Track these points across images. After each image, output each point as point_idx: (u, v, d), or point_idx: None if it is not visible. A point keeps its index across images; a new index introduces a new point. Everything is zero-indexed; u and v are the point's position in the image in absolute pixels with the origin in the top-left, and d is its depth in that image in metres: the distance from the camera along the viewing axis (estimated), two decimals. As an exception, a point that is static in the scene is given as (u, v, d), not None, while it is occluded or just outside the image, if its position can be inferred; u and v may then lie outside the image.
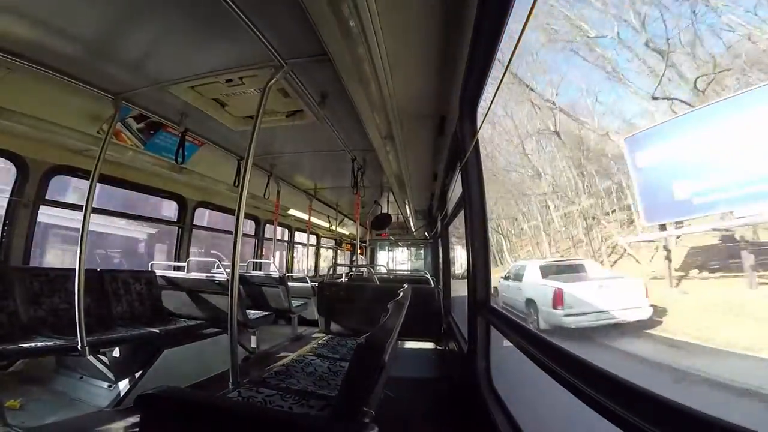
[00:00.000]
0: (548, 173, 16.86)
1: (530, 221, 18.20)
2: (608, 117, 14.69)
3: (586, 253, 12.82)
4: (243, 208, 2.32)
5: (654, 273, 8.46)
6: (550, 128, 16.04)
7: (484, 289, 2.25)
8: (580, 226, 14.48)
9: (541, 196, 17.26)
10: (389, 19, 1.97)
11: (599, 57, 12.60)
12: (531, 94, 15.74)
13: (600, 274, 7.79)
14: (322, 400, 1.85)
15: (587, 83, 14.64)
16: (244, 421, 1.14)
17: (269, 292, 4.81)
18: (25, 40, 2.30)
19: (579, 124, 14.62)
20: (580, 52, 12.89)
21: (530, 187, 17.81)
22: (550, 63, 15.50)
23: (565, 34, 12.80)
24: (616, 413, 0.81)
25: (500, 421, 1.75)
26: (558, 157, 16.25)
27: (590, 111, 14.92)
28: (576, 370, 1.03)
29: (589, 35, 11.84)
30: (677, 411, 0.68)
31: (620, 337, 5.86)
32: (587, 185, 14.68)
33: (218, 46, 2.39)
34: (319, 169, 5.65)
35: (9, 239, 3.09)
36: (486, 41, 1.73)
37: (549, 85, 15.83)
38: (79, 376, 2.96)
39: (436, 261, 9.17)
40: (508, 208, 19.37)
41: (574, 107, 15.46)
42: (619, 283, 6.75)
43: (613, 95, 17.43)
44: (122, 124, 3.39)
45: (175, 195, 4.87)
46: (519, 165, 18.20)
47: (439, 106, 3.06)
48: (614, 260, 11.58)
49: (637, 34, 10.84)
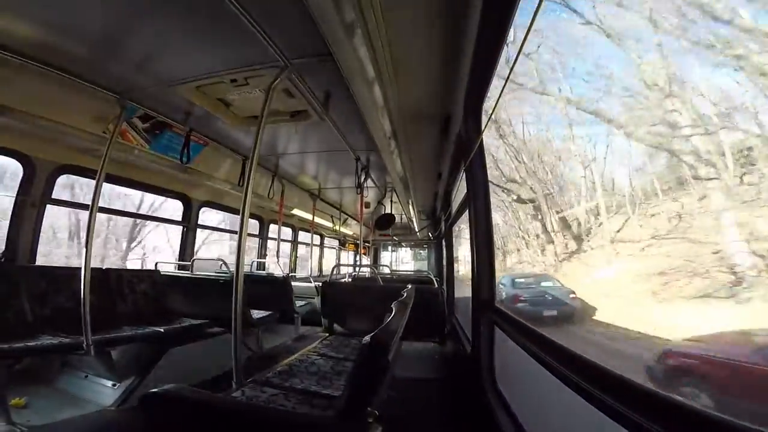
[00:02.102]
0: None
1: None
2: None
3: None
4: (248, 207, 2.33)
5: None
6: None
7: (488, 290, 2.25)
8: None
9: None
10: (393, 19, 1.97)
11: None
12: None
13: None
14: (325, 400, 1.85)
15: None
16: (248, 420, 1.14)
17: (273, 291, 4.82)
18: (31, 40, 2.31)
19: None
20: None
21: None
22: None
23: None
24: (622, 413, 0.80)
25: (504, 421, 1.74)
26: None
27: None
28: (581, 371, 1.02)
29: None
30: (684, 411, 0.67)
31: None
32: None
33: (223, 47, 2.40)
34: (323, 169, 5.66)
35: (16, 238, 3.11)
36: (491, 41, 1.72)
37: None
38: (83, 375, 2.97)
39: (440, 261, 9.16)
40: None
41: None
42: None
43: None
44: (128, 123, 3.41)
45: (179, 194, 4.88)
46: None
47: (443, 106, 3.05)
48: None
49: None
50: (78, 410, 2.59)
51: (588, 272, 12.85)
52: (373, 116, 2.73)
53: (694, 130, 9.09)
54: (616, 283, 11.11)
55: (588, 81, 12.65)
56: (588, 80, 12.64)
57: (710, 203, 8.86)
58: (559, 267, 14.82)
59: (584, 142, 14.46)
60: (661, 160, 11.56)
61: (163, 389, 1.18)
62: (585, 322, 9.80)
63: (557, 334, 6.37)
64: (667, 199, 11.31)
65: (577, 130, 14.49)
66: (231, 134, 3.92)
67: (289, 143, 4.39)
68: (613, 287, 10.96)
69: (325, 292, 3.80)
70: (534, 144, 16.44)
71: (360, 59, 2.02)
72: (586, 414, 0.99)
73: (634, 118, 11.55)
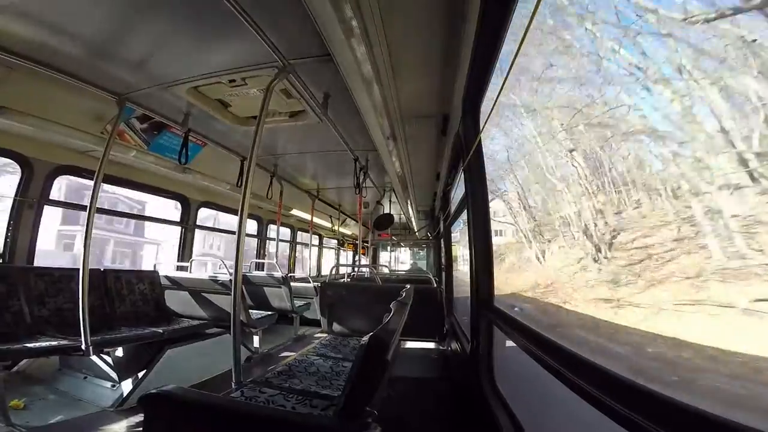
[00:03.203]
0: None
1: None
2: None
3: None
4: (246, 208, 2.32)
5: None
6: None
7: (487, 289, 2.25)
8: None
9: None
10: (392, 18, 1.98)
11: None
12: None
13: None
14: (325, 400, 1.85)
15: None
16: (247, 421, 1.14)
17: (272, 292, 4.82)
18: (29, 41, 2.31)
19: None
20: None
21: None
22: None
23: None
24: (623, 414, 0.81)
25: (503, 421, 1.74)
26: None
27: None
28: (581, 371, 1.02)
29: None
30: (684, 411, 0.67)
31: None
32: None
33: (221, 47, 2.40)
34: (321, 170, 5.66)
35: (14, 239, 3.10)
36: (489, 40, 1.72)
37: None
38: (82, 376, 2.97)
39: (439, 261, 9.17)
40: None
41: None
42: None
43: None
44: (126, 124, 3.41)
45: (178, 195, 4.88)
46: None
47: (441, 105, 3.06)
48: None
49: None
50: (77, 411, 2.58)
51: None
52: (372, 116, 2.73)
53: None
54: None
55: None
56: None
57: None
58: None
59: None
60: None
61: (163, 390, 1.18)
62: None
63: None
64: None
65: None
66: (229, 135, 3.92)
67: (287, 144, 4.39)
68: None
69: (324, 293, 3.80)
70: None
71: (358, 59, 2.02)
72: (584, 413, 0.99)
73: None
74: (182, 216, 5.01)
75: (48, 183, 3.32)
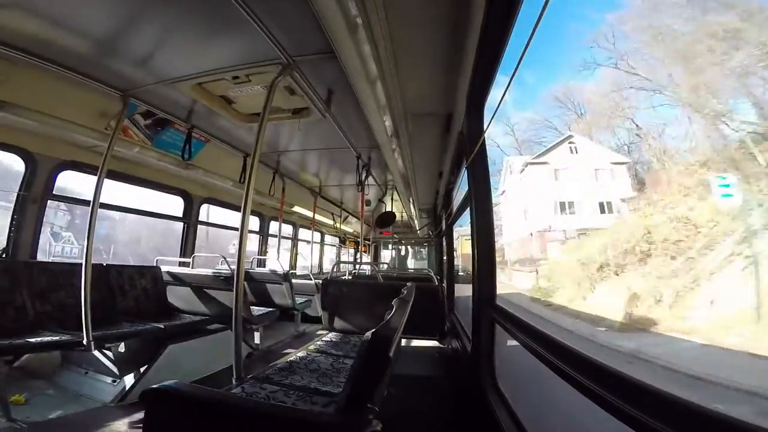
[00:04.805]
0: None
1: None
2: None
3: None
4: (249, 204, 2.32)
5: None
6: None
7: (489, 287, 2.24)
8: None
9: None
10: (396, 15, 1.97)
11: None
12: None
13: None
14: (325, 397, 1.85)
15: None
16: (247, 416, 1.14)
17: (273, 288, 4.83)
18: (33, 37, 2.31)
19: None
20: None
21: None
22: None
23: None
24: (623, 410, 0.80)
25: (504, 420, 1.74)
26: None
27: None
28: (582, 369, 1.02)
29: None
30: (688, 409, 0.67)
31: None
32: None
33: (225, 44, 2.39)
34: (324, 167, 5.65)
35: (17, 234, 3.11)
36: (495, 37, 1.71)
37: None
38: (84, 371, 2.98)
39: (441, 259, 9.16)
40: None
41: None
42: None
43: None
44: (130, 120, 3.41)
45: (181, 191, 4.89)
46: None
47: (446, 103, 3.05)
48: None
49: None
50: (78, 406, 2.59)
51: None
52: (375, 114, 2.72)
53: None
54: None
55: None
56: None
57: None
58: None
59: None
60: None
61: (164, 385, 1.18)
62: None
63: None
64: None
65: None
66: (232, 131, 3.92)
67: (290, 140, 4.39)
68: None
69: (326, 290, 3.80)
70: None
71: (362, 57, 2.01)
72: (586, 411, 0.98)
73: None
74: (185, 212, 5.02)
75: (52, 178, 3.32)
